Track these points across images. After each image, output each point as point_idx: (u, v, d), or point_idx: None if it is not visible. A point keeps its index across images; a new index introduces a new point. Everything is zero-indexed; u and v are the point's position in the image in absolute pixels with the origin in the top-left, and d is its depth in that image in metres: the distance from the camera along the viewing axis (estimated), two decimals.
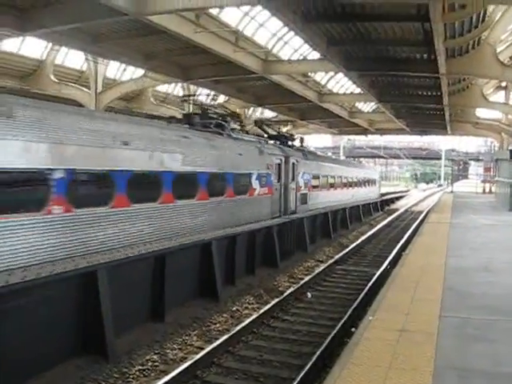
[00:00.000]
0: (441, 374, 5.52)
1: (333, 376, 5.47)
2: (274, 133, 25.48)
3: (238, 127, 20.86)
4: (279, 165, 20.53)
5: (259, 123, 25.95)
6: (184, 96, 24.43)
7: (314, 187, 25.64)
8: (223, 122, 18.41)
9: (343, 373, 5.50)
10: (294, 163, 22.11)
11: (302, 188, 23.45)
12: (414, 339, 6.60)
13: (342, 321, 10.97)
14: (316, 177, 26.00)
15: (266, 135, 24.31)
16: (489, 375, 5.57)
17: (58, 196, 9.30)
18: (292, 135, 27.12)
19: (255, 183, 18.18)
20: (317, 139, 77.60)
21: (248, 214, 17.37)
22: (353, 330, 8.91)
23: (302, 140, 29.10)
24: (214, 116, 18.84)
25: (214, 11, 20.19)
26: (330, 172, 29.60)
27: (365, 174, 41.71)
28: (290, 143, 25.09)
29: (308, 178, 24.35)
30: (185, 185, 13.70)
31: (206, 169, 14.72)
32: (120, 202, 10.85)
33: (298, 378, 8.03)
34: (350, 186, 34.75)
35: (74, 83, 29.74)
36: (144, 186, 12.21)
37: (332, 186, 29.69)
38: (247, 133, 21.57)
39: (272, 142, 23.17)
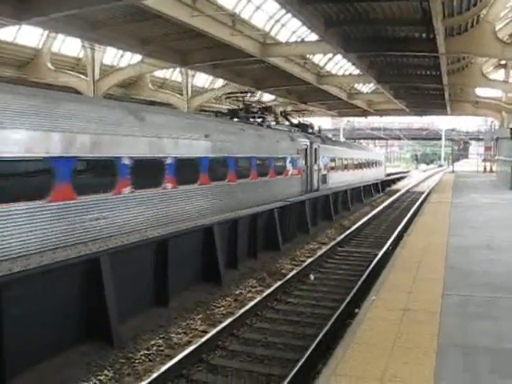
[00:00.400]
0: (444, 351, 5.55)
1: (336, 356, 5.50)
2: (296, 122, 28.98)
3: (273, 118, 25.57)
4: (306, 150, 23.97)
5: (284, 113, 29.55)
6: (230, 93, 27.48)
7: (332, 168, 29.09)
8: (263, 115, 22.84)
9: (347, 353, 5.53)
10: (316, 148, 25.41)
11: (323, 169, 26.84)
12: (417, 318, 6.62)
13: (345, 302, 11.02)
14: (333, 160, 29.55)
15: (287, 123, 27.80)
16: (492, 351, 5.60)
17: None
18: (311, 124, 30.21)
19: (289, 166, 21.70)
20: (316, 121, 77.28)
21: (284, 191, 20.74)
22: (356, 311, 8.94)
23: (318, 127, 31.97)
24: (255, 110, 23.03)
25: None
26: (344, 155, 33.30)
27: (372, 156, 45.40)
28: (310, 130, 28.15)
29: (327, 160, 27.85)
30: (242, 168, 17.39)
31: (255, 154, 18.35)
32: (203, 179, 14.58)
33: (303, 360, 8.07)
34: (361, 167, 38.42)
35: (72, 71, 29.64)
36: (216, 168, 15.49)
37: (346, 167, 33.37)
38: (278, 123, 25.79)
39: (297, 129, 26.03)
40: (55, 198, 9.34)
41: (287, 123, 27.86)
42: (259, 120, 22.11)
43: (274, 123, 25.00)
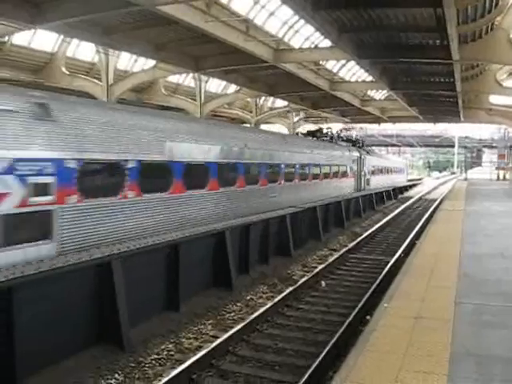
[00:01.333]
0: (458, 360, 5.49)
1: (348, 363, 5.47)
2: (346, 137, 37.20)
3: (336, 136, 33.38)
4: (357, 159, 32.40)
5: (338, 132, 36.65)
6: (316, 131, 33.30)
7: (372, 174, 38.24)
8: (332, 134, 32.35)
9: (359, 360, 5.49)
10: (363, 158, 34.03)
11: (367, 175, 35.57)
12: (430, 326, 6.57)
13: (357, 309, 10.96)
14: (373, 167, 38.93)
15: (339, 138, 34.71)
16: (506, 361, 5.54)
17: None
18: (358, 139, 39.58)
19: (349, 171, 30.43)
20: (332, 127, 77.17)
21: (346, 189, 29.31)
22: (368, 318, 8.89)
23: (362, 141, 41.01)
24: (326, 131, 32.67)
25: (224, 0, 20.12)
26: (381, 164, 43.98)
27: (398, 165, 58.05)
28: (358, 144, 36.96)
29: (370, 168, 36.76)
30: (325, 171, 25.67)
31: (332, 162, 27.09)
32: (309, 178, 23.38)
33: (313, 366, 8.03)
34: (391, 172, 49.37)
35: (86, 75, 29.83)
36: (317, 171, 24.32)
37: (381, 172, 43.18)
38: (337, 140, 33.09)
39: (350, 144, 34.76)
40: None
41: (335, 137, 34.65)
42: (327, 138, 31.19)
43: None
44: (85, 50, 28.91)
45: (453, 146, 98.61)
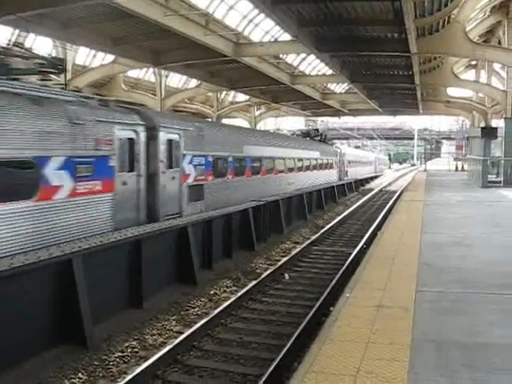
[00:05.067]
0: (418, 346, 5.58)
1: (312, 353, 5.50)
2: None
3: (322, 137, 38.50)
4: (338, 154, 40.38)
5: (324, 134, 41.59)
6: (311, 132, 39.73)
7: (350, 165, 46.19)
8: (324, 135, 38.93)
9: (322, 350, 5.53)
10: (342, 153, 42.27)
11: (346, 165, 43.28)
12: (392, 314, 6.66)
13: (320, 300, 11.05)
14: (349, 161, 46.25)
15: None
16: (465, 346, 5.65)
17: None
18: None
19: (334, 164, 38.31)
20: (290, 122, 77.53)
21: (332, 178, 36.67)
22: (331, 309, 8.96)
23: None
24: (318, 133, 39.04)
25: None
26: (355, 157, 51.98)
27: (371, 157, 67.76)
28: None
29: (348, 161, 44.89)
30: (319, 164, 33.33)
31: (323, 157, 34.60)
32: (310, 168, 30.84)
33: (278, 358, 8.07)
34: (365, 164, 58.87)
35: None
36: (312, 164, 31.41)
37: (356, 164, 51.14)
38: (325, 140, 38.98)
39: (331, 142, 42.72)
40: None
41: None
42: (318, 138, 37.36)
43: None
44: (42, 45, 28.32)
45: (412, 139, 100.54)
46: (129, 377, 7.57)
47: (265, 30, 26.99)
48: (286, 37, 24.93)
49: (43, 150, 9.89)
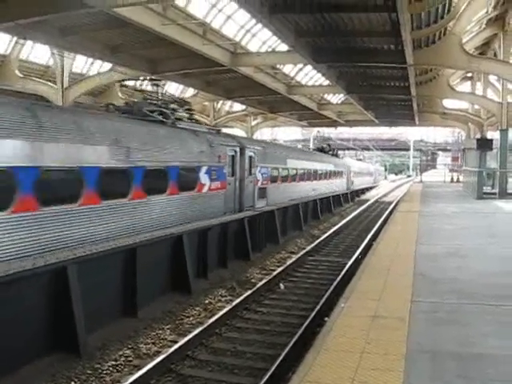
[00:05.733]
0: (413, 357, 5.58)
1: (307, 363, 5.48)
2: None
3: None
4: (347, 166, 45.45)
5: (336, 149, 48.40)
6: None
7: (355, 176, 50.09)
8: (336, 150, 45.07)
9: (317, 360, 5.51)
10: (348, 165, 46.68)
11: (352, 176, 47.26)
12: (387, 324, 6.65)
13: (315, 310, 11.01)
14: (355, 172, 50.51)
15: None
16: (459, 356, 5.65)
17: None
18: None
19: (343, 173, 43.01)
20: (287, 132, 77.81)
21: (341, 188, 41.05)
22: (326, 319, 8.94)
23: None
24: (330, 148, 43.39)
25: (181, 3, 20.08)
26: (359, 169, 56.79)
27: (371, 168, 73.15)
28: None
29: (354, 172, 48.99)
30: (334, 174, 38.10)
31: (336, 168, 39.55)
32: (318, 178, 32.82)
33: (272, 368, 8.03)
34: (366, 175, 63.46)
35: (40, 78, 29.27)
36: (321, 174, 33.58)
37: (360, 175, 55.24)
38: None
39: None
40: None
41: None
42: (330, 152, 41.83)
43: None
44: (39, 53, 28.40)
45: (408, 150, 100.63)
46: None
47: (262, 40, 27.13)
48: (283, 47, 25.04)
49: (199, 162, 15.69)
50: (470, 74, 39.48)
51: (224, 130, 23.30)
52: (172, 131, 15.12)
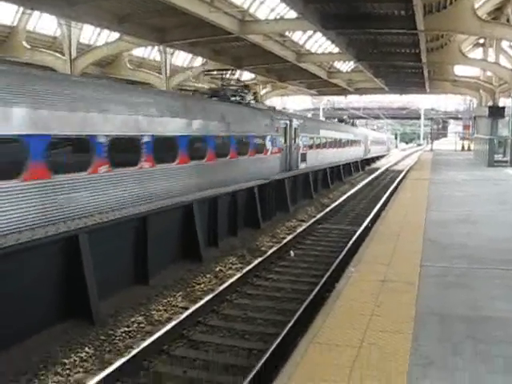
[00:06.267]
0: (422, 319, 5.62)
1: (316, 326, 5.54)
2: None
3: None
4: (364, 135, 51.67)
5: (353, 120, 54.10)
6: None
7: (371, 144, 54.68)
8: (354, 121, 51.91)
9: (326, 322, 5.57)
10: (365, 134, 53.19)
11: (369, 144, 52.67)
12: (396, 288, 6.69)
13: (325, 277, 11.09)
14: (371, 140, 55.52)
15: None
16: (468, 319, 5.70)
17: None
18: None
19: (362, 142, 48.11)
20: (297, 101, 77.25)
21: (360, 154, 45.91)
22: (336, 285, 8.99)
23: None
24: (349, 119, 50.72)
25: None
26: (374, 137, 61.66)
27: (384, 137, 76.29)
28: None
29: (370, 141, 54.03)
30: (355, 142, 44.70)
31: (357, 138, 46.17)
32: (346, 145, 40.22)
33: (283, 333, 8.12)
34: (379, 144, 64.54)
35: (48, 49, 29.12)
36: (345, 143, 39.71)
37: (376, 143, 60.39)
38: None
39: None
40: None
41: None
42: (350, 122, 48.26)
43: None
44: (46, 23, 28.21)
45: (419, 118, 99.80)
46: (134, 351, 7.64)
47: (270, 7, 26.73)
48: (292, 14, 24.65)
49: (265, 132, 20.73)
50: (481, 41, 38.78)
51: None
52: (249, 110, 20.55)
